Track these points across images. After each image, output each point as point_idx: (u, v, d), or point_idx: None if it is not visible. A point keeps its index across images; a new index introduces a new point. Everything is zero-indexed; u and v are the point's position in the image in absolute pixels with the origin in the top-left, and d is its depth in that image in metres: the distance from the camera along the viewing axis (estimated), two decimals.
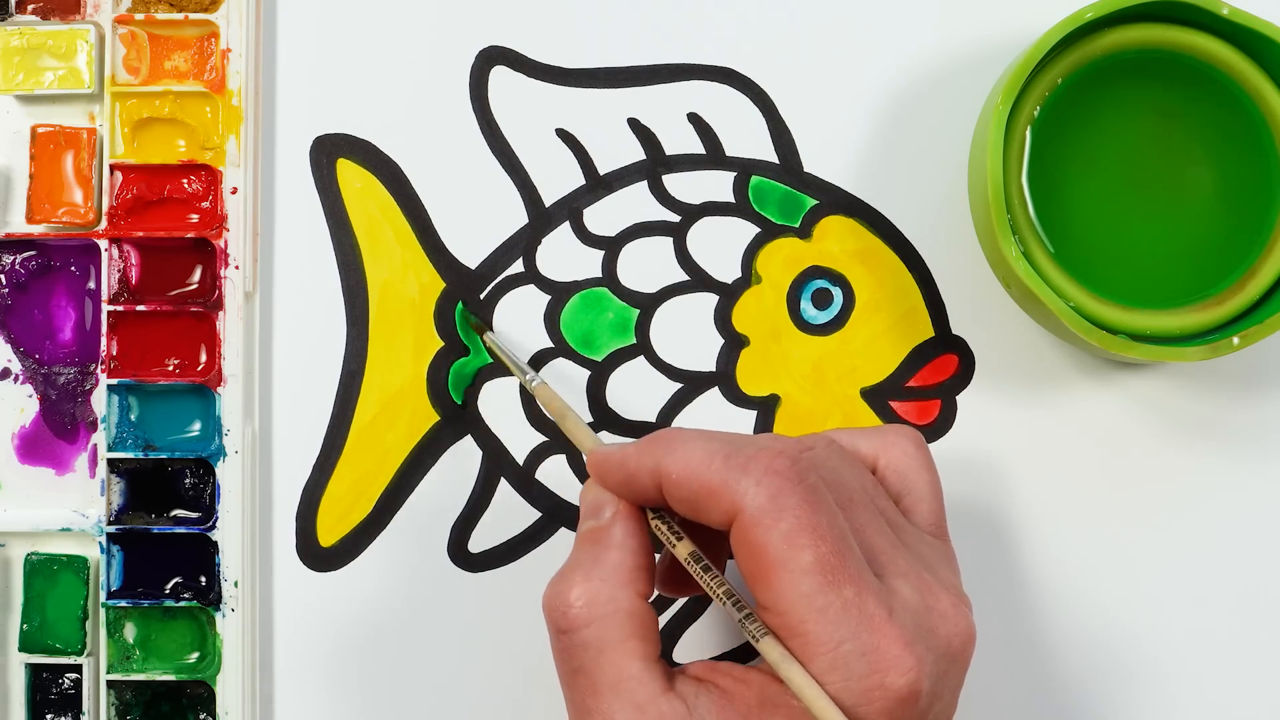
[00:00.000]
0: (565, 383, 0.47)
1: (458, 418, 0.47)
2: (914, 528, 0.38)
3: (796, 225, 0.47)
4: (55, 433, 0.47)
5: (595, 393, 0.47)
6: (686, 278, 0.47)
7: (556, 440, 0.47)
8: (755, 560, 0.34)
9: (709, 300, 0.47)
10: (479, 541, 0.46)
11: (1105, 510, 0.46)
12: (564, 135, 0.47)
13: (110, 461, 0.46)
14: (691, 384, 0.47)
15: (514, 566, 0.46)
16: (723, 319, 0.47)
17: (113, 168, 0.46)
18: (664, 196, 0.47)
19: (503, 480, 0.47)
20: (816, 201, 0.47)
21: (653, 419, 0.46)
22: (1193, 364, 0.46)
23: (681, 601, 0.46)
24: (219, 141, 0.46)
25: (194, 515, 0.46)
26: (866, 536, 0.35)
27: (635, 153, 0.47)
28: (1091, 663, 0.46)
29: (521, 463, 0.47)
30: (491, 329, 0.46)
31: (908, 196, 0.47)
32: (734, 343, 0.47)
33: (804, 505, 0.34)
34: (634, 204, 0.47)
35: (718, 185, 0.47)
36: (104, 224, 0.46)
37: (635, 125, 0.47)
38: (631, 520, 0.37)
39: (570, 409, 0.42)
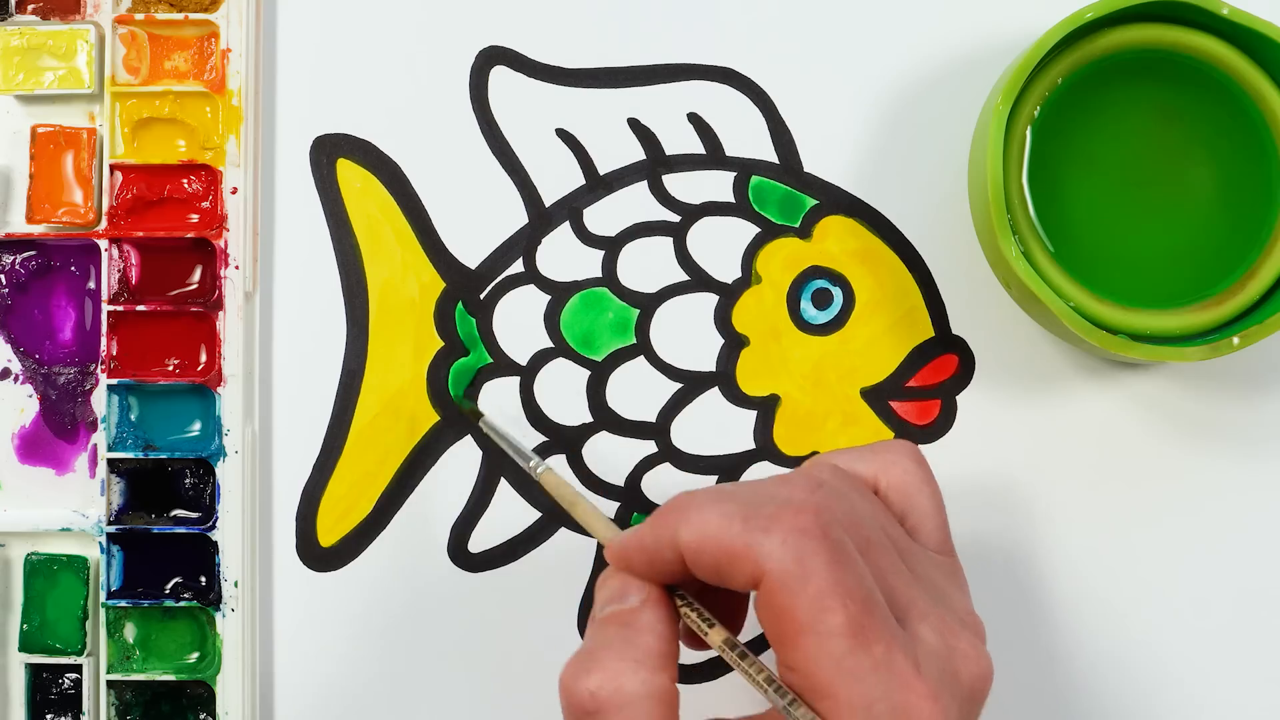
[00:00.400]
0: (565, 383, 0.47)
1: (458, 418, 0.47)
2: (922, 550, 0.37)
3: (796, 225, 0.47)
4: (55, 433, 0.47)
5: (595, 393, 0.47)
6: (686, 278, 0.47)
7: (557, 440, 0.47)
8: (782, 623, 0.33)
9: (709, 300, 0.47)
10: (479, 541, 0.46)
11: (1105, 510, 0.46)
12: (564, 135, 0.47)
13: (110, 461, 0.46)
14: (691, 384, 0.47)
15: (514, 566, 0.46)
16: (723, 319, 0.47)
17: (113, 168, 0.46)
18: (664, 196, 0.47)
19: (503, 480, 0.47)
20: (816, 201, 0.47)
21: (653, 419, 0.46)
22: (1193, 364, 0.46)
23: None
24: (219, 141, 0.46)
25: (194, 515, 0.46)
26: (887, 579, 0.34)
27: (635, 153, 0.47)
28: (1092, 662, 0.46)
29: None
30: (483, 415, 0.46)
31: (908, 196, 0.47)
32: (734, 343, 0.47)
33: (831, 566, 0.33)
34: (634, 204, 0.47)
35: (718, 185, 0.47)
36: (104, 224, 0.46)
37: (635, 125, 0.47)
38: (661, 606, 0.36)
39: (581, 497, 0.41)
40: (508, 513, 0.46)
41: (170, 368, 0.47)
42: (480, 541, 0.46)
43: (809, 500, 0.34)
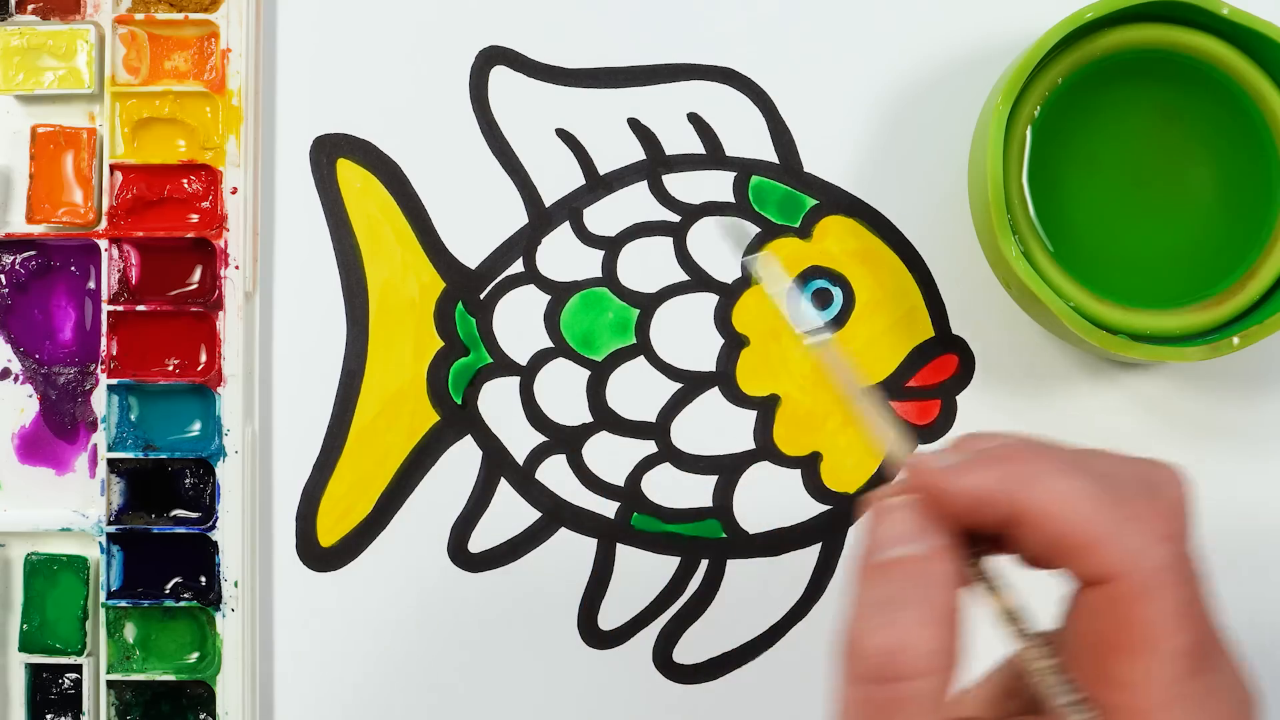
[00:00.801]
0: (565, 383, 0.47)
1: (458, 418, 0.47)
2: None
3: (796, 225, 0.47)
4: (55, 433, 0.47)
5: (595, 393, 0.47)
6: (686, 278, 0.47)
7: (557, 440, 0.47)
8: (1123, 632, 0.29)
9: (709, 300, 0.47)
10: (479, 541, 0.46)
11: None
12: (564, 135, 0.47)
13: (110, 461, 0.46)
14: (691, 384, 0.47)
15: (514, 566, 0.46)
16: (723, 319, 0.47)
17: (113, 168, 0.46)
18: (664, 196, 0.47)
19: (503, 480, 0.47)
20: (816, 201, 0.47)
21: (653, 419, 0.46)
22: (1193, 364, 0.46)
23: (682, 602, 0.46)
24: (219, 141, 0.46)
25: (194, 515, 0.46)
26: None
27: (635, 153, 0.47)
28: None
29: (521, 463, 0.47)
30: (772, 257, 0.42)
31: (908, 196, 0.47)
32: (734, 343, 0.47)
33: (1189, 583, 0.30)
34: (634, 204, 0.47)
35: (718, 185, 0.47)
36: (104, 224, 0.46)
37: (635, 125, 0.47)
38: (957, 558, 0.31)
39: (861, 387, 0.34)
40: (508, 513, 0.46)
41: (170, 368, 0.47)
42: (480, 541, 0.46)
43: (1171, 499, 0.31)
